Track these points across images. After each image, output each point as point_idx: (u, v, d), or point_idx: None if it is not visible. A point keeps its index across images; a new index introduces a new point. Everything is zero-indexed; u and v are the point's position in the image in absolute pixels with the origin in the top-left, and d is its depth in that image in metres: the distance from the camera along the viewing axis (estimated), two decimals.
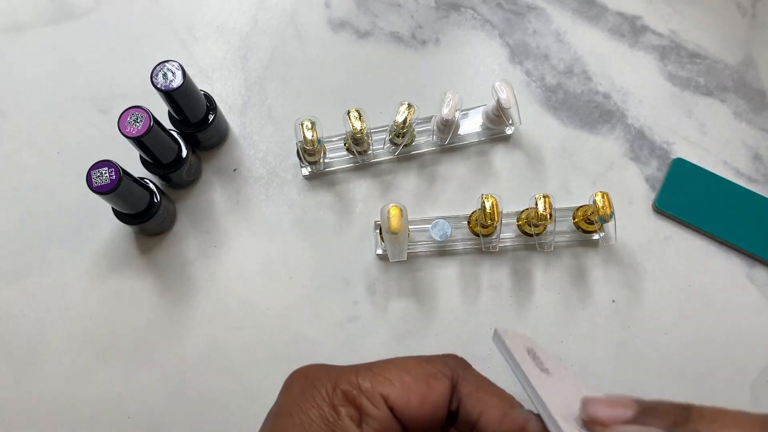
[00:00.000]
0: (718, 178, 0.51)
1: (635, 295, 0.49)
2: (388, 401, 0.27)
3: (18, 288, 0.48)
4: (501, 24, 0.56)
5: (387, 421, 0.27)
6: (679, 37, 0.56)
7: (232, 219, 0.50)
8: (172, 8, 0.55)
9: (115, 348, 0.47)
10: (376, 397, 0.27)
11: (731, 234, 0.50)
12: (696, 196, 0.51)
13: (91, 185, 0.40)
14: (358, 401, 0.27)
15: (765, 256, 0.49)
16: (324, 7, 0.56)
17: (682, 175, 0.51)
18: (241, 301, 0.48)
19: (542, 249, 0.49)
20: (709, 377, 0.48)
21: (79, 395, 0.46)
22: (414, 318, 0.48)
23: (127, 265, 0.49)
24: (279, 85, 0.53)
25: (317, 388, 0.28)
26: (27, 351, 0.47)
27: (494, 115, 0.49)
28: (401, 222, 0.43)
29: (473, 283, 0.49)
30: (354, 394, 0.27)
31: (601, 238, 0.49)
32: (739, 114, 0.54)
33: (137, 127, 0.41)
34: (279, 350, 0.47)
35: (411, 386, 0.27)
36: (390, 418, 0.27)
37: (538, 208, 0.45)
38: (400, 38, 0.55)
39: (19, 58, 0.54)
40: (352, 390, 0.27)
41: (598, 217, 0.45)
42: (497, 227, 0.46)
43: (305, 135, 0.45)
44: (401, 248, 0.44)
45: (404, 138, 0.48)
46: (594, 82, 0.55)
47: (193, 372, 0.47)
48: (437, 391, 0.27)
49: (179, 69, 0.43)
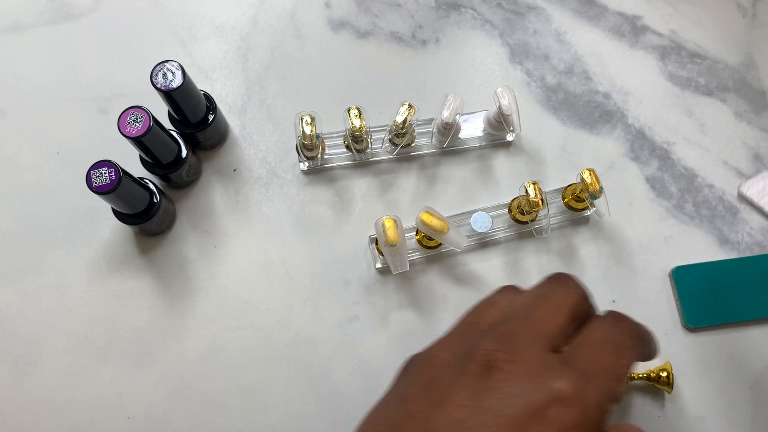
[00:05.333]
0: (722, 263, 0.49)
1: (635, 295, 0.49)
2: None
3: (18, 288, 0.48)
4: (501, 24, 0.56)
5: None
6: (679, 37, 0.56)
7: (232, 219, 0.50)
8: (172, 8, 0.55)
9: (114, 348, 0.47)
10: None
11: (764, 308, 0.48)
12: (714, 293, 0.48)
13: (91, 185, 0.40)
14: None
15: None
16: (324, 7, 0.56)
17: (688, 281, 0.48)
18: (241, 301, 0.48)
19: (539, 235, 0.49)
20: (709, 377, 0.48)
21: (78, 395, 0.46)
22: (414, 318, 0.48)
23: (127, 265, 0.49)
24: (279, 85, 0.53)
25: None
26: (27, 351, 0.47)
27: (496, 120, 0.49)
28: (398, 233, 0.43)
29: (473, 281, 0.49)
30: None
31: (594, 213, 0.49)
32: (739, 114, 0.54)
33: (137, 127, 0.41)
34: (279, 350, 0.47)
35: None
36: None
37: (529, 194, 0.45)
38: (400, 38, 0.55)
39: (19, 58, 0.54)
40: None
41: (588, 194, 0.46)
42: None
43: (304, 130, 0.45)
44: (402, 258, 0.44)
45: (404, 138, 0.48)
46: (594, 82, 0.55)
47: (193, 372, 0.47)
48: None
49: (179, 69, 0.43)
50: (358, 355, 0.47)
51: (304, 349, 0.47)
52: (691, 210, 0.52)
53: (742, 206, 0.52)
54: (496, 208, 0.50)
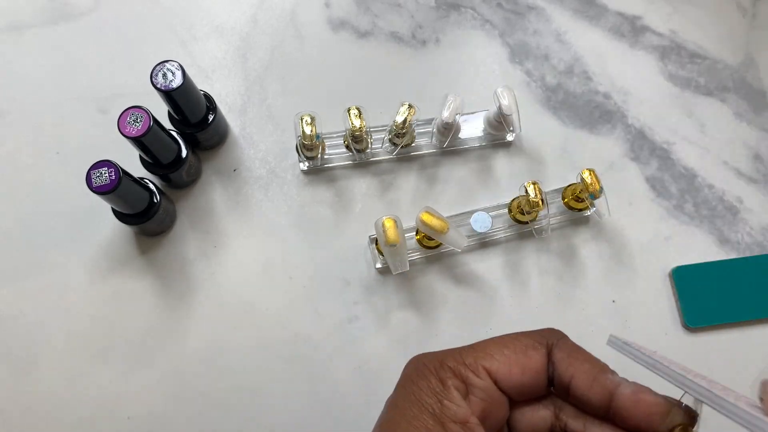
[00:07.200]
0: (722, 263, 0.49)
1: (635, 295, 0.49)
2: (490, 373, 0.29)
3: (18, 288, 0.48)
4: (501, 24, 0.56)
5: (491, 391, 0.29)
6: (679, 37, 0.56)
7: (232, 219, 0.50)
8: (171, 8, 0.55)
9: (114, 348, 0.47)
10: (479, 369, 0.29)
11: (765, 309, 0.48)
12: (714, 293, 0.48)
13: (91, 185, 0.40)
14: (463, 374, 0.29)
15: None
16: (324, 7, 0.56)
17: (688, 281, 0.49)
18: (241, 301, 0.48)
19: (539, 235, 0.48)
20: (709, 377, 0.48)
21: (79, 395, 0.46)
22: (414, 318, 0.48)
23: (127, 265, 0.49)
24: (279, 85, 0.53)
25: (427, 366, 0.30)
26: (27, 351, 0.47)
27: (496, 121, 0.49)
28: (398, 233, 0.43)
29: (473, 281, 0.49)
30: (459, 368, 0.29)
31: (594, 213, 0.49)
32: (739, 114, 0.54)
33: (137, 127, 0.41)
34: (279, 350, 0.47)
35: (511, 357, 0.29)
36: (493, 388, 0.29)
37: (529, 194, 0.45)
38: (400, 38, 0.55)
39: (19, 58, 0.54)
40: (457, 365, 0.30)
41: (588, 194, 0.46)
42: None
43: (304, 130, 0.45)
44: (402, 258, 0.44)
45: (404, 138, 0.48)
46: (594, 82, 0.54)
47: (193, 372, 0.47)
48: (535, 359, 0.29)
49: (179, 69, 0.43)
50: (358, 355, 0.47)
51: (304, 349, 0.47)
52: (691, 210, 0.52)
53: (742, 206, 0.52)
54: (496, 208, 0.50)
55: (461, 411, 0.28)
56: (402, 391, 0.30)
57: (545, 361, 0.29)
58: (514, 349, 0.30)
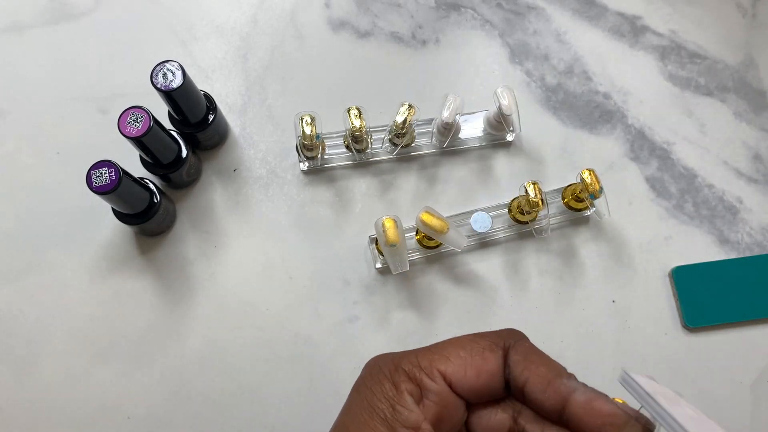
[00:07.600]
0: (722, 263, 0.49)
1: (635, 295, 0.49)
2: (445, 376, 0.29)
3: (18, 288, 0.48)
4: (501, 24, 0.56)
5: (445, 395, 0.28)
6: (679, 37, 0.56)
7: (232, 219, 0.50)
8: (172, 8, 0.55)
9: (114, 348, 0.47)
10: (434, 372, 0.29)
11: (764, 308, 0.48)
12: (713, 293, 0.48)
13: (91, 185, 0.40)
14: (417, 378, 0.29)
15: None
16: (324, 7, 0.56)
17: (688, 281, 0.49)
18: (241, 301, 0.48)
19: (539, 235, 0.48)
20: (709, 377, 0.48)
21: (79, 395, 0.46)
22: (414, 318, 0.48)
23: (127, 265, 0.49)
24: (279, 85, 0.53)
25: (381, 370, 0.30)
26: (27, 351, 0.47)
27: (496, 121, 0.49)
28: (398, 233, 0.43)
29: (473, 281, 0.49)
30: (414, 371, 0.29)
31: (594, 213, 0.49)
32: (739, 114, 0.54)
33: (137, 127, 0.41)
34: (279, 350, 0.47)
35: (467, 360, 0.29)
36: (448, 391, 0.28)
37: (529, 194, 0.45)
38: (400, 38, 0.55)
39: (19, 58, 0.54)
40: (412, 368, 0.29)
41: (588, 194, 0.46)
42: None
43: (304, 130, 0.45)
44: (402, 258, 0.44)
45: (404, 138, 0.48)
46: (594, 82, 0.55)
47: (192, 372, 0.47)
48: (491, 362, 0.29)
49: (179, 69, 0.43)
50: (358, 355, 0.47)
51: (304, 349, 0.47)
52: (691, 210, 0.52)
53: (742, 206, 0.52)
54: (496, 208, 0.50)
55: (413, 416, 0.27)
56: (355, 396, 0.30)
57: (501, 363, 0.29)
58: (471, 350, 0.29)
